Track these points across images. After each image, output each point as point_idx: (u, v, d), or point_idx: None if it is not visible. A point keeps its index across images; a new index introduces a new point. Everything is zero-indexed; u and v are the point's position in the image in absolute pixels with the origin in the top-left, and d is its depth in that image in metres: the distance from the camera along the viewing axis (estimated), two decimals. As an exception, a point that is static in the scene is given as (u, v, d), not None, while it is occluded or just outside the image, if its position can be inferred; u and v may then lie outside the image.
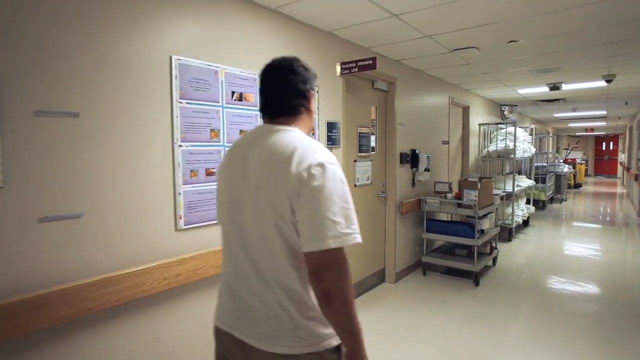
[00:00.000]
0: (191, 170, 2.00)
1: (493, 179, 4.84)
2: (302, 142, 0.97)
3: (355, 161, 3.47)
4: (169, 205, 1.92)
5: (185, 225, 1.98)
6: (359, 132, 3.51)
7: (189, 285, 1.99)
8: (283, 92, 1.05)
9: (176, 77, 1.91)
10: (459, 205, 4.02)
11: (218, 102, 2.12)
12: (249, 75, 2.30)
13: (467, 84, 5.32)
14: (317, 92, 2.83)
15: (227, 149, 2.17)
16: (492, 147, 5.90)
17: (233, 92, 2.20)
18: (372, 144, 3.77)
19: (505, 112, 7.45)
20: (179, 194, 1.95)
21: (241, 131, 2.26)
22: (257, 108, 2.36)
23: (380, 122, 3.85)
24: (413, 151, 4.20)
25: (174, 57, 1.90)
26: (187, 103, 1.97)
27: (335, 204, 0.90)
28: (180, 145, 1.95)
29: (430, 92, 4.64)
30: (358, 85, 3.47)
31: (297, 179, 0.90)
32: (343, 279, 0.91)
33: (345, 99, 3.25)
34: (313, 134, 2.80)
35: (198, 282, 2.02)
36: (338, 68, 3.03)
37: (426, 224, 4.25)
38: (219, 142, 2.13)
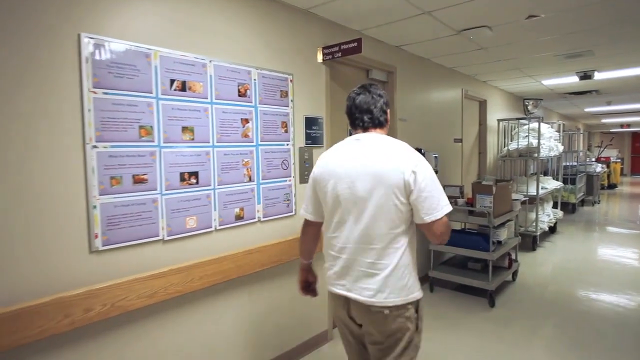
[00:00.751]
0: (112, 177, 1.60)
1: (512, 182, 4.24)
2: (401, 144, 1.37)
3: (345, 163, 3.00)
4: (79, 221, 1.52)
5: (104, 245, 1.58)
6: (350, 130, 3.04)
7: (105, 323, 1.59)
8: (373, 112, 1.42)
9: (87, 61, 1.51)
10: (471, 212, 3.48)
11: (150, 93, 1.72)
12: (197, 60, 1.88)
13: (484, 74, 4.74)
14: (291, 81, 2.39)
15: (164, 149, 1.77)
16: (512, 146, 5.28)
17: (172, 81, 1.79)
18: (368, 142, 3.29)
19: (529, 107, 6.77)
20: (94, 206, 1.55)
21: (185, 128, 1.84)
22: (209, 100, 1.95)
23: (378, 117, 3.36)
24: (419, 149, 3.69)
25: (83, 36, 1.50)
26: (105, 93, 1.57)
27: (436, 187, 1.33)
28: (95, 146, 1.55)
29: (439, 84, 4.11)
30: (349, 75, 3.01)
31: (409, 172, 1.26)
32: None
33: (331, 90, 2.80)
34: (286, 131, 2.36)
35: (118, 319, 1.62)
36: (320, 54, 2.57)
37: (434, 234, 3.74)
38: (153, 141, 1.73)
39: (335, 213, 1.37)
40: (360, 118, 1.42)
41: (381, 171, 1.27)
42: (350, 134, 1.47)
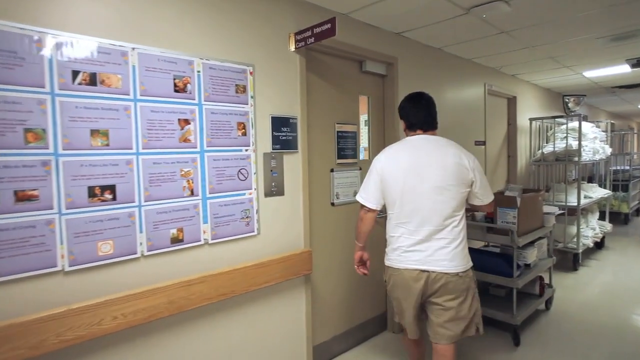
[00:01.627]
0: (-18, 195, 1.26)
1: (544, 192, 3.58)
2: (454, 143, 1.85)
3: (332, 171, 2.55)
4: None
5: (-29, 282, 1.24)
6: (339, 132, 2.58)
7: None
8: (431, 115, 1.86)
9: (-57, 46, 1.18)
10: (489, 229, 2.89)
11: (42, 87, 1.36)
12: (113, 47, 1.52)
13: (511, 66, 4.10)
14: (251, 73, 1.98)
15: (63, 158, 1.40)
16: (548, 148, 4.56)
17: (76, 72, 1.43)
18: (364, 145, 2.81)
19: (570, 105, 5.97)
20: (-45, 233, 1.21)
21: (95, 131, 1.47)
22: (131, 97, 1.57)
23: (376, 117, 2.87)
24: (427, 155, 3.16)
25: (-62, 14, 1.18)
26: (-30, 87, 1.23)
27: (484, 177, 1.83)
28: (-43, 155, 1.21)
29: (454, 78, 3.55)
30: (335, 67, 2.56)
31: (470, 166, 1.75)
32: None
33: (312, 85, 2.36)
34: (244, 133, 1.95)
35: (-16, 377, 1.26)
36: (292, 41, 2.15)
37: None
38: (45, 148, 1.37)
39: (409, 201, 1.71)
40: (423, 120, 1.83)
41: (452, 165, 1.70)
42: (408, 135, 1.88)
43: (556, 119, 4.71)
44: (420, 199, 1.68)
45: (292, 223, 2.20)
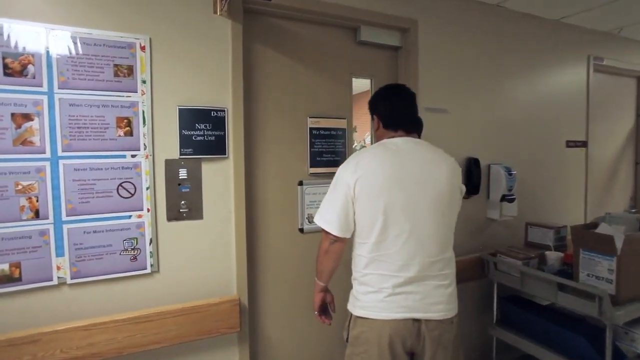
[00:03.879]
0: None
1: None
2: (443, 151, 1.35)
3: (301, 184, 1.83)
4: None
5: None
6: (313, 129, 1.84)
7: None
8: (416, 114, 1.37)
9: None
10: (562, 287, 1.78)
11: None
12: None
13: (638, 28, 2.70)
14: (142, 48, 1.41)
15: None
16: None
17: None
18: (357, 147, 2.01)
19: None
20: None
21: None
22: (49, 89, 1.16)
23: (383, 108, 2.02)
24: (470, 162, 2.17)
25: None
26: None
27: None
28: None
29: (526, 50, 2.41)
30: (310, 38, 1.82)
31: (460, 177, 1.34)
32: None
33: (265, 64, 1.69)
34: (128, 132, 1.39)
35: None
36: (218, 1, 1.51)
37: (501, 308, 2.13)
38: None
39: (396, 224, 1.22)
40: (408, 119, 1.35)
41: (445, 176, 1.27)
42: (384, 137, 1.35)
43: None
44: (413, 221, 1.22)
45: (217, 259, 1.57)
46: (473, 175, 2.16)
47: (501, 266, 2.06)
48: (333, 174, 1.30)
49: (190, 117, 1.49)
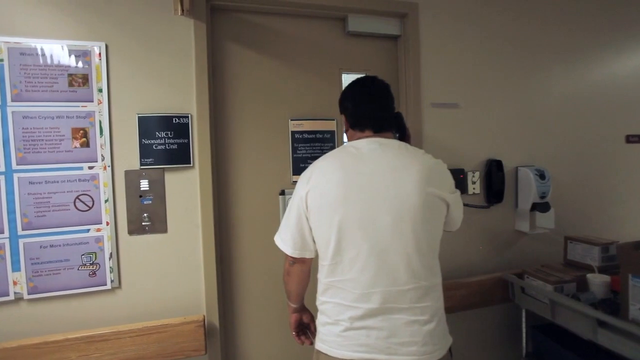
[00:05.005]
0: None
1: None
2: (422, 153, 1.10)
3: (283, 194, 1.66)
4: None
5: None
6: (295, 132, 1.67)
7: None
8: (389, 109, 1.14)
9: None
10: (602, 323, 1.39)
11: None
12: None
13: None
14: (99, 56, 1.35)
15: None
16: None
17: None
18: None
19: None
20: None
21: None
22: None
23: (382, 106, 1.79)
24: (490, 164, 1.84)
25: None
26: None
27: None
28: None
29: (576, 22, 2.01)
30: (289, 32, 1.66)
31: (450, 184, 1.08)
32: None
33: (238, 64, 1.57)
34: (84, 143, 1.34)
35: None
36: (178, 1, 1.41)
37: (532, 339, 1.78)
38: None
39: (353, 245, 1.00)
40: (374, 116, 1.11)
41: (416, 184, 1.00)
42: (351, 139, 1.15)
43: None
44: (373, 241, 1.00)
45: (184, 275, 1.47)
46: (494, 181, 1.84)
47: (529, 290, 1.71)
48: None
49: (151, 125, 1.41)
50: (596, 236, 1.85)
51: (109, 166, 1.37)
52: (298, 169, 1.67)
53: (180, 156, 1.44)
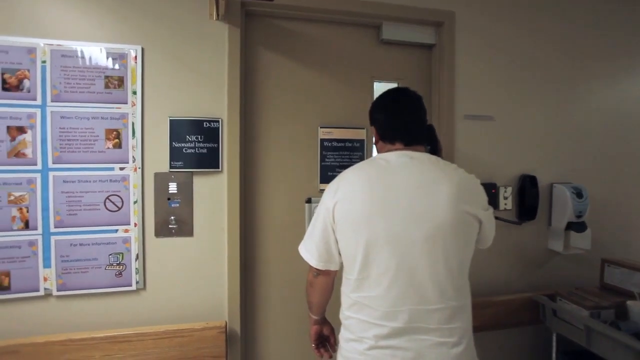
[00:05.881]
0: None
1: None
2: (455, 167, 1.05)
3: (309, 201, 1.64)
4: None
5: None
6: (324, 139, 1.65)
7: None
8: (421, 122, 1.10)
9: None
10: (643, 353, 1.31)
11: None
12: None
13: None
14: (135, 59, 1.37)
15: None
16: None
17: None
18: (384, 163, 1.76)
19: None
20: None
21: None
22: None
23: (412, 116, 1.75)
24: (524, 180, 1.77)
25: None
26: None
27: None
28: None
29: (622, 28, 1.92)
30: (322, 39, 1.64)
31: (483, 200, 1.04)
32: None
33: (269, 70, 1.56)
34: (117, 144, 1.36)
35: None
36: (215, 5, 1.42)
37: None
38: None
39: (380, 260, 0.97)
40: (405, 128, 1.08)
41: (447, 200, 0.97)
42: (381, 151, 1.12)
43: None
44: (401, 258, 0.97)
45: (207, 279, 1.46)
46: (527, 197, 1.76)
47: (562, 313, 1.62)
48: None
49: (182, 129, 1.42)
50: (636, 260, 1.75)
51: (139, 168, 1.38)
52: (326, 177, 1.64)
53: (210, 160, 1.44)
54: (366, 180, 1.00)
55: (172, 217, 1.42)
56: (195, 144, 1.43)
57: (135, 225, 1.39)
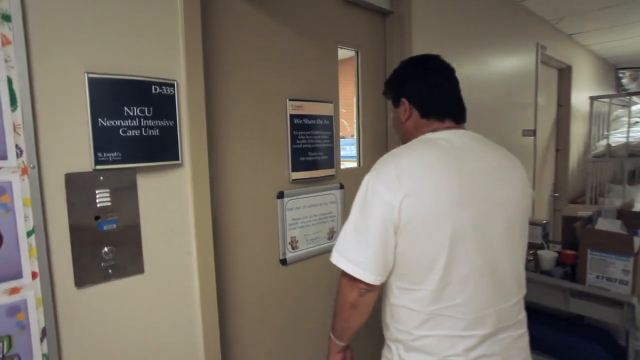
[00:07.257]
0: None
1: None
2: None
3: (281, 196, 1.27)
4: None
5: None
6: (294, 116, 1.29)
7: None
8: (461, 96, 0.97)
9: None
10: (574, 293, 1.62)
11: None
12: None
13: (572, 20, 2.78)
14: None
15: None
16: (617, 138, 3.27)
17: None
18: (349, 141, 1.54)
19: (624, 81, 4.66)
20: None
21: None
22: None
23: (371, 88, 1.57)
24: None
25: None
26: None
27: None
28: None
29: (498, 28, 2.25)
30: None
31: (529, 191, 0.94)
32: None
33: (223, 25, 1.07)
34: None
35: None
36: None
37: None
38: None
39: (465, 261, 0.81)
40: (454, 103, 0.94)
41: (520, 186, 0.89)
42: (423, 131, 0.92)
43: (631, 97, 3.36)
44: (487, 255, 0.82)
45: (173, 334, 0.94)
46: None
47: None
48: (321, 179, 0.85)
49: (114, 96, 0.81)
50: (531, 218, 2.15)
51: (33, 167, 0.72)
52: (298, 165, 1.30)
53: (163, 148, 0.89)
54: (438, 166, 0.81)
55: (106, 249, 0.82)
56: (138, 122, 0.85)
57: (35, 276, 0.73)
